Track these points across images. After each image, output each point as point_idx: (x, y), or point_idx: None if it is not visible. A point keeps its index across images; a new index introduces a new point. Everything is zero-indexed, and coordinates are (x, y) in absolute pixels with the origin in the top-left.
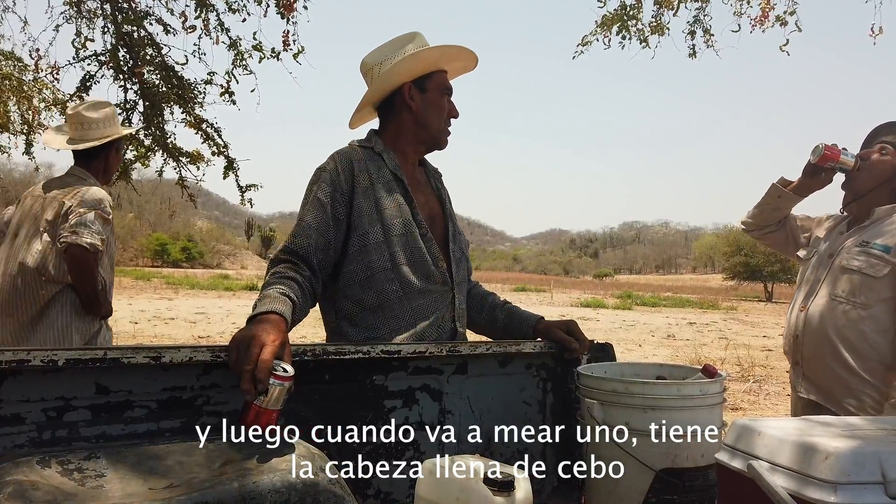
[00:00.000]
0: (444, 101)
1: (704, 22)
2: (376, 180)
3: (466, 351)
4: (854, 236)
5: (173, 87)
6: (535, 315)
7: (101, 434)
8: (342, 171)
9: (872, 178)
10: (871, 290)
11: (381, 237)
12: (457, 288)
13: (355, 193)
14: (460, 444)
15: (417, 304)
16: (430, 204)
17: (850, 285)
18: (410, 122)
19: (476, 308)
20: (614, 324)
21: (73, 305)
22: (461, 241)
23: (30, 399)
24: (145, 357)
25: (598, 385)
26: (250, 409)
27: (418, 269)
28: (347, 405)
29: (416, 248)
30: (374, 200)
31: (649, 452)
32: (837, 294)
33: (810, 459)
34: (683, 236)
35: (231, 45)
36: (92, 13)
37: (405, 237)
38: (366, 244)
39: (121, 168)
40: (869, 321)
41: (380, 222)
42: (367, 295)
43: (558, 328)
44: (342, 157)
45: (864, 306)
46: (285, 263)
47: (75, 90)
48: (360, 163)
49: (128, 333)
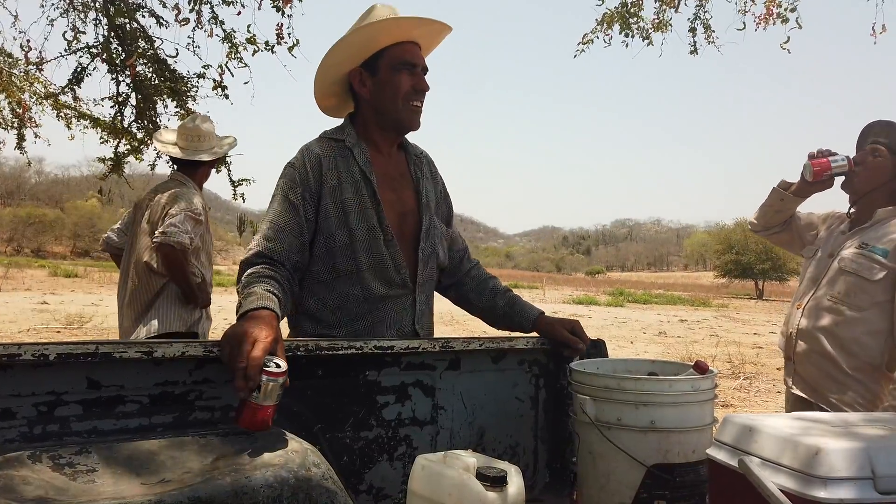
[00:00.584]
0: (399, 78)
1: (704, 19)
2: (344, 179)
3: (459, 347)
4: (855, 237)
5: (166, 80)
6: (536, 309)
7: (93, 429)
8: (311, 169)
9: (869, 180)
10: (865, 293)
11: (347, 240)
12: (419, 289)
13: (323, 194)
14: (453, 439)
15: (377, 307)
16: (404, 199)
17: (845, 286)
18: (368, 110)
19: (475, 291)
20: (606, 321)
21: (176, 296)
22: (435, 236)
23: (21, 394)
24: (137, 352)
25: (590, 381)
26: (245, 405)
27: (380, 274)
28: (340, 401)
29: (379, 255)
30: (340, 202)
31: (641, 448)
32: (833, 294)
33: (801, 455)
34: (675, 234)
35: (225, 38)
36: (85, 5)
37: (368, 242)
38: (332, 247)
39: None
40: (861, 323)
41: (346, 226)
42: (330, 295)
43: (563, 327)
44: (311, 155)
45: (857, 308)
46: (261, 265)
47: (67, 83)
48: (328, 160)
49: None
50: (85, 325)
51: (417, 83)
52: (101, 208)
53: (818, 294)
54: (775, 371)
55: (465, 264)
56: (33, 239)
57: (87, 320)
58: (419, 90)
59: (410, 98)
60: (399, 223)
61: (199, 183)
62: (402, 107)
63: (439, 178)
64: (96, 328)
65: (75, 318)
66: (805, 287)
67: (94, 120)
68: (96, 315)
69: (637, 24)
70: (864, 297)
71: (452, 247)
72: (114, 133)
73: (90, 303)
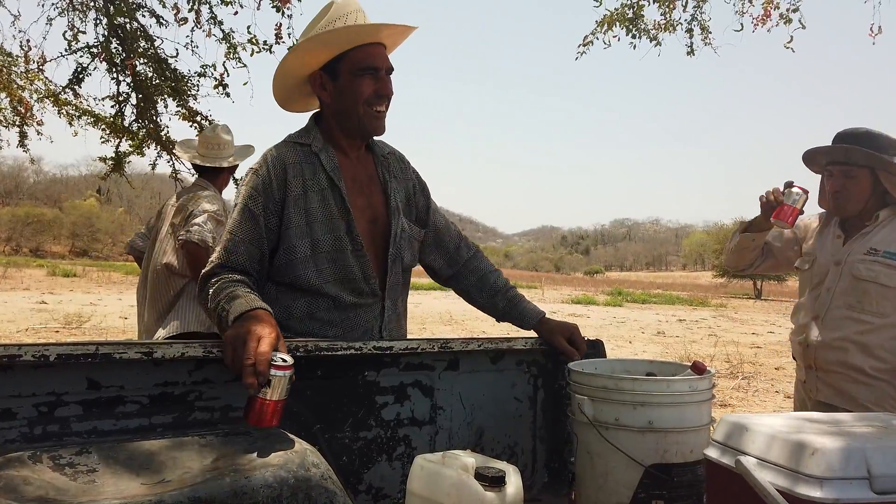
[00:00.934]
0: (360, 82)
1: (702, 20)
2: (310, 187)
3: (458, 347)
4: (859, 243)
5: (167, 79)
6: (538, 312)
7: (93, 429)
8: (274, 177)
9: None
10: (886, 299)
11: (309, 252)
12: (387, 295)
13: (286, 203)
14: (452, 439)
15: (347, 316)
16: (374, 204)
17: (865, 296)
18: (330, 115)
19: (476, 287)
20: (605, 320)
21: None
22: (403, 240)
23: (21, 394)
24: (137, 352)
25: (588, 381)
26: (255, 402)
27: (347, 285)
28: (339, 401)
29: (346, 266)
30: (304, 211)
31: (639, 448)
32: (853, 304)
33: (797, 455)
34: (674, 234)
35: (224, 38)
36: (84, 5)
37: (335, 254)
38: (292, 259)
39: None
40: (886, 329)
41: (309, 236)
42: (297, 304)
43: (561, 335)
44: (275, 161)
45: (881, 315)
46: (226, 275)
47: (68, 82)
48: (294, 167)
49: (117, 329)
50: (84, 325)
51: (380, 88)
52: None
53: (836, 304)
54: (773, 371)
55: (462, 253)
56: (32, 238)
57: (85, 320)
58: (381, 95)
59: (372, 104)
60: (370, 230)
61: (219, 189)
62: (363, 113)
63: (410, 173)
64: (95, 328)
65: (74, 318)
66: (817, 298)
67: (95, 116)
68: (95, 315)
69: (641, 26)
70: (885, 303)
71: (441, 240)
72: (115, 132)
73: (89, 302)
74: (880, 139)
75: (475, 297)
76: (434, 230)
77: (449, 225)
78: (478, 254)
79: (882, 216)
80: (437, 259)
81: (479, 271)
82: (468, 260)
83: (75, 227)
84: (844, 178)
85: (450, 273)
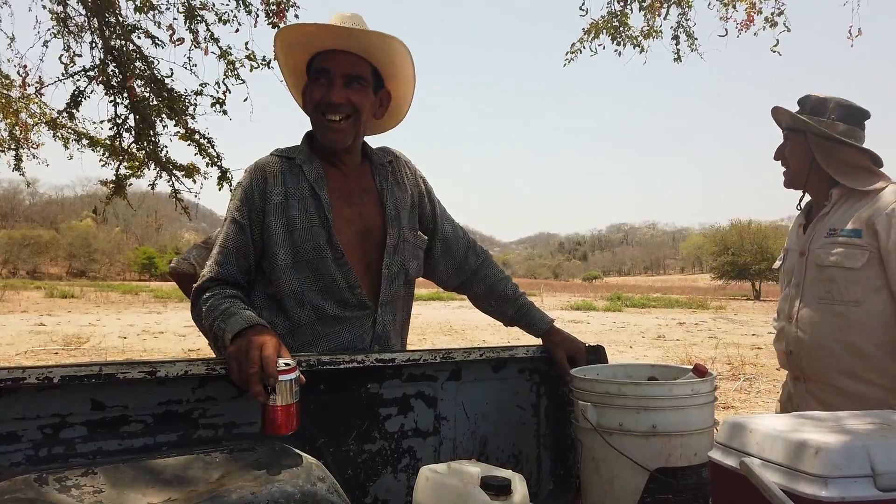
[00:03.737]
0: (313, 87)
1: (687, 27)
2: (292, 195)
3: (460, 357)
4: (819, 225)
5: (164, 99)
6: (547, 320)
7: (98, 450)
8: (256, 187)
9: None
10: (857, 283)
11: (290, 260)
12: (382, 308)
13: (266, 212)
14: (456, 449)
15: (332, 330)
16: (366, 214)
17: (833, 284)
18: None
19: (484, 295)
20: (605, 326)
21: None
22: (405, 251)
23: (26, 417)
24: (140, 372)
25: (591, 387)
26: (267, 411)
27: (331, 295)
28: (343, 414)
29: (328, 275)
30: (285, 220)
31: (643, 452)
32: (823, 296)
33: (801, 455)
34: (671, 237)
35: (221, 55)
36: (80, 28)
37: (315, 262)
38: (274, 267)
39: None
40: (865, 317)
41: (290, 244)
42: (278, 318)
43: (564, 350)
44: (257, 172)
45: (856, 303)
46: (218, 288)
47: (65, 106)
48: (274, 176)
49: (116, 349)
50: (83, 346)
51: (325, 95)
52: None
53: (807, 300)
54: (775, 371)
55: (470, 260)
56: (28, 260)
57: (84, 341)
58: (327, 102)
59: (323, 111)
60: (359, 241)
61: None
62: (316, 121)
63: (417, 179)
64: (94, 348)
65: (73, 339)
66: (790, 297)
67: (91, 139)
68: (94, 335)
69: (626, 33)
70: (856, 288)
71: (450, 248)
72: (113, 154)
73: (87, 323)
74: (822, 103)
75: (484, 305)
76: (442, 238)
77: (458, 231)
78: (487, 261)
79: (835, 194)
80: (446, 268)
81: (489, 279)
82: (477, 268)
83: (72, 248)
84: (783, 146)
85: (458, 282)
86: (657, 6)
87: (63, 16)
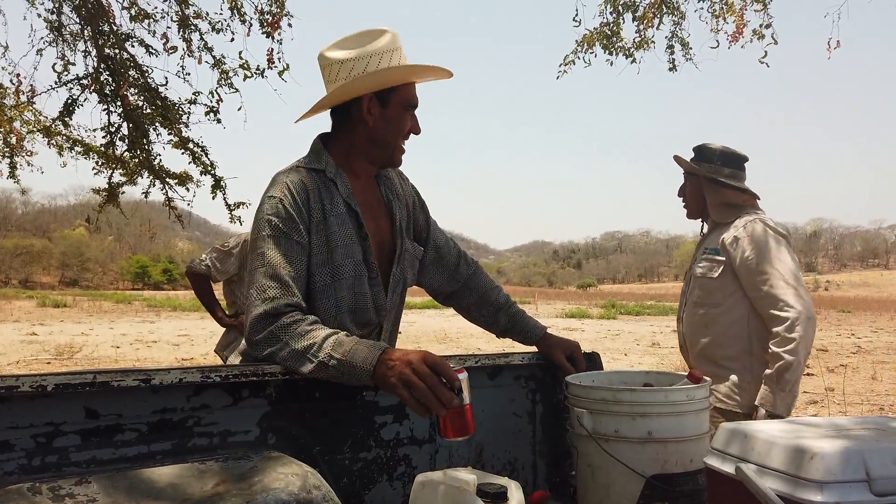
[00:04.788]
0: (405, 117)
1: (681, 36)
2: (329, 212)
3: (455, 365)
4: (700, 247)
5: (158, 108)
6: (540, 327)
7: (92, 459)
8: (301, 203)
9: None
10: (717, 290)
11: (329, 280)
12: (387, 317)
13: (309, 230)
14: (452, 457)
15: None
16: (381, 227)
17: (703, 290)
18: (364, 138)
19: (476, 305)
20: (599, 333)
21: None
22: (405, 260)
23: (19, 425)
24: (135, 380)
25: (586, 394)
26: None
27: (359, 315)
28: (338, 422)
29: (362, 294)
30: (325, 237)
31: (639, 459)
32: (697, 301)
33: (797, 460)
34: (664, 244)
35: (215, 64)
36: (74, 36)
37: (353, 280)
38: (312, 288)
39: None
40: (723, 316)
41: (329, 264)
42: None
43: (561, 351)
44: (297, 187)
45: (715, 305)
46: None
47: (58, 114)
48: (314, 192)
49: (110, 358)
50: (76, 356)
51: (415, 126)
52: (89, 237)
53: (689, 306)
54: None
55: (461, 270)
56: (21, 270)
57: (77, 350)
58: (414, 132)
59: (406, 138)
60: (378, 254)
61: None
62: (397, 145)
63: (409, 189)
64: (87, 358)
65: (65, 349)
66: (680, 301)
67: (85, 146)
68: (87, 344)
69: (618, 45)
70: (717, 293)
71: (442, 257)
72: (107, 162)
73: (80, 332)
74: (711, 151)
75: (476, 315)
76: (434, 247)
77: (448, 241)
78: (478, 270)
79: (711, 223)
80: (438, 277)
81: (480, 288)
82: (469, 277)
83: (65, 257)
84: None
85: (450, 290)
86: (650, 17)
87: (57, 24)
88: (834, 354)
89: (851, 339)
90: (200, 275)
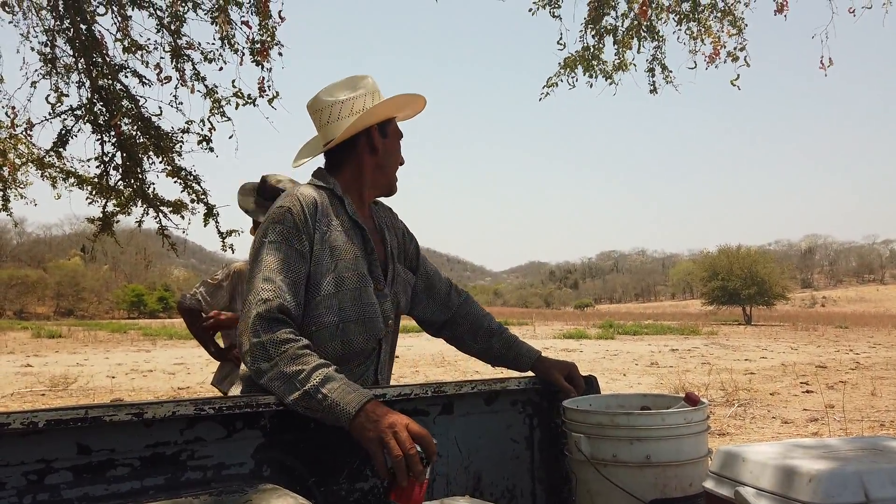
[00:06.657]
0: (399, 146)
1: (660, 59)
2: (336, 226)
3: (452, 391)
4: None
5: (151, 137)
6: (534, 351)
7: (84, 495)
8: (308, 214)
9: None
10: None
11: (332, 289)
12: (384, 339)
13: (315, 240)
14: (449, 485)
15: (351, 364)
16: (377, 250)
17: None
18: (371, 167)
19: (470, 334)
20: (598, 354)
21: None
22: (398, 284)
23: (10, 463)
24: (127, 414)
25: (583, 419)
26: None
27: (367, 326)
28: (334, 452)
29: (369, 304)
30: (330, 248)
31: (638, 484)
32: None
33: (794, 483)
34: (661, 263)
35: (207, 93)
36: (67, 68)
37: (358, 291)
38: (316, 297)
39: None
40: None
41: (333, 273)
42: None
43: (559, 372)
44: (307, 199)
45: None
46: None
47: (52, 145)
48: (323, 205)
49: (105, 388)
50: (70, 387)
51: (402, 157)
52: (85, 266)
53: None
54: (769, 396)
55: (453, 299)
56: (16, 300)
57: (72, 381)
58: (401, 164)
59: (400, 166)
60: None
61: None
62: (392, 175)
63: (399, 223)
64: (82, 389)
65: (60, 381)
66: None
67: (79, 178)
68: (82, 375)
69: (599, 67)
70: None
71: (433, 285)
72: (101, 192)
73: (75, 363)
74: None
75: (469, 343)
76: (424, 275)
77: (438, 271)
78: (469, 299)
79: None
80: (430, 306)
81: (472, 316)
82: (460, 305)
83: (60, 287)
84: None
85: (443, 320)
86: (628, 41)
87: (51, 56)
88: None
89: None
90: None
